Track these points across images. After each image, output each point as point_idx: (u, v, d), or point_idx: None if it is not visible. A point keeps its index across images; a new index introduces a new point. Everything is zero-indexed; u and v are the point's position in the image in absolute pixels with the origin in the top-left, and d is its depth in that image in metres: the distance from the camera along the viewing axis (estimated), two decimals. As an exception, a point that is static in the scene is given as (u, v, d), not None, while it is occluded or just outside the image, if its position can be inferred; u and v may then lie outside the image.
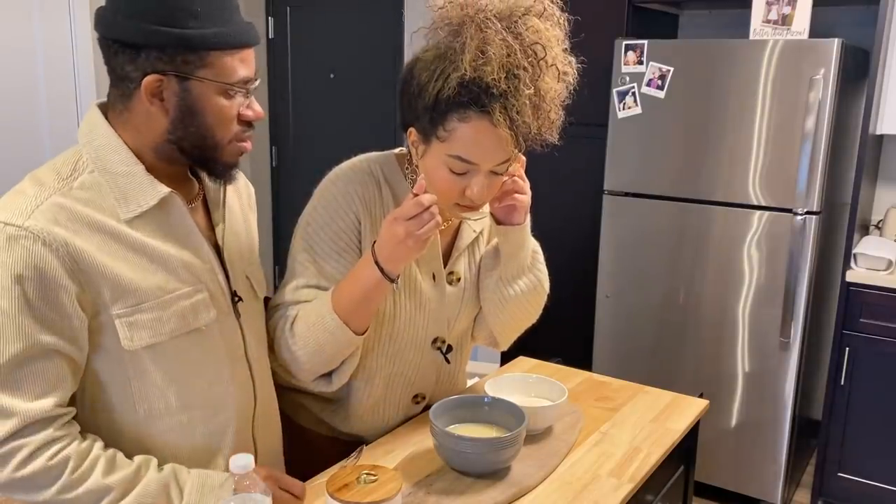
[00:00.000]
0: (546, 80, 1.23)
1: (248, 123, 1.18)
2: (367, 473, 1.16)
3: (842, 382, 2.80)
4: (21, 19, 2.77)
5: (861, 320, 2.74)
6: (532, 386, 1.57)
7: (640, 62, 2.86)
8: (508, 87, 1.19)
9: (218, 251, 1.27)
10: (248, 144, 1.21)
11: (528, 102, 1.21)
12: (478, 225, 1.52)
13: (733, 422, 2.89)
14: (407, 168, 1.43)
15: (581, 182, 3.32)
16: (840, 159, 2.85)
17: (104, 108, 1.18)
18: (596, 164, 3.12)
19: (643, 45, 2.84)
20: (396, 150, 1.48)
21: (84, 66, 2.99)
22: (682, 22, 3.54)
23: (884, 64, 2.72)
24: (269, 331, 1.40)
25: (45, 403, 1.08)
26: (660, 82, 2.84)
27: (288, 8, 4.58)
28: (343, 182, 1.39)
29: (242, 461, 1.03)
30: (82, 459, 1.10)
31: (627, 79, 2.90)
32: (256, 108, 1.18)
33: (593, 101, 3.17)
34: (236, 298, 1.28)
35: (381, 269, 1.27)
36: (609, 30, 3.09)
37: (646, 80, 2.87)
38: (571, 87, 1.29)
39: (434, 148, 1.28)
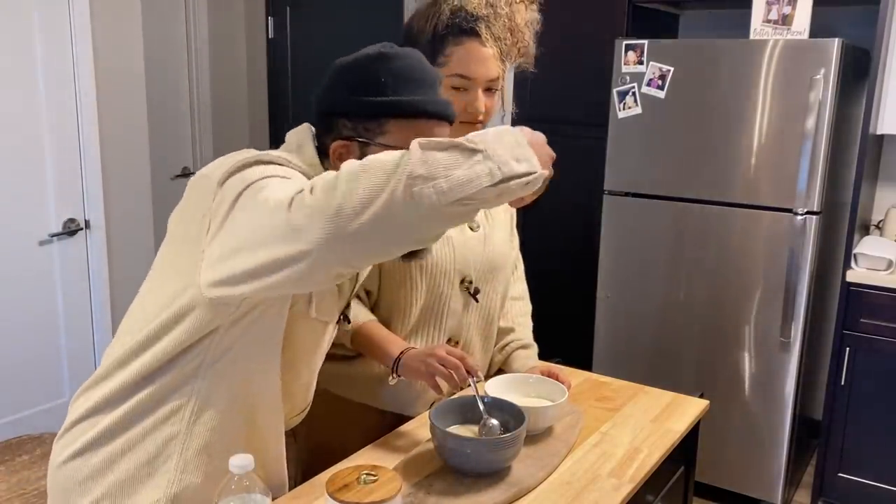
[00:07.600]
0: (516, 5, 1.55)
1: None
2: (367, 473, 1.16)
3: (842, 382, 2.80)
4: (21, 20, 2.77)
5: (861, 320, 2.74)
6: (532, 386, 1.57)
7: (640, 62, 2.86)
8: (489, 11, 1.51)
9: None
10: None
11: (505, 23, 1.52)
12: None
13: (733, 422, 2.89)
14: None
15: (581, 182, 3.32)
16: (840, 159, 2.85)
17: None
18: (596, 164, 3.12)
19: (643, 45, 2.84)
20: None
21: (84, 66, 2.99)
22: (682, 22, 3.54)
23: (884, 64, 2.72)
24: None
25: None
26: (660, 82, 2.84)
27: (288, 8, 4.57)
28: None
29: (242, 461, 1.03)
30: None
31: (627, 79, 2.90)
32: None
33: (593, 101, 3.18)
34: (342, 316, 1.38)
35: (396, 370, 1.48)
36: (609, 30, 3.09)
37: (646, 80, 2.86)
38: (539, 16, 1.61)
39: None
